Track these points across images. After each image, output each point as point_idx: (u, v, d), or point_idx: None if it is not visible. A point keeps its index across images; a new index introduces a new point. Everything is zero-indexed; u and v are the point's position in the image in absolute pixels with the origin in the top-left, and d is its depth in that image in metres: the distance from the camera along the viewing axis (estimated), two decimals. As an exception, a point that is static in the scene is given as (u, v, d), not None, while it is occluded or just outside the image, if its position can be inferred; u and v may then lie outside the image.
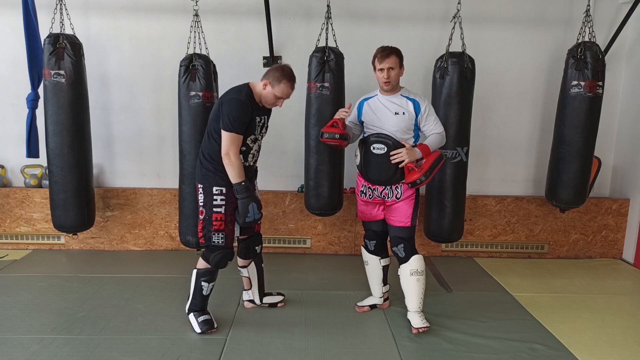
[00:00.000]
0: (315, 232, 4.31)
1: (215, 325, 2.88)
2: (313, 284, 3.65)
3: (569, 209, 3.97)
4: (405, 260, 2.93)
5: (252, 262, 3.12)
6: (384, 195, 2.98)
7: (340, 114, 2.99)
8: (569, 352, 2.76)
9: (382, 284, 3.19)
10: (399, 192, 2.95)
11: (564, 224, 4.33)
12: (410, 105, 2.92)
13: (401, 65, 2.92)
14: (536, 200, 4.31)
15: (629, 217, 4.30)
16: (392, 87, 2.91)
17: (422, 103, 2.93)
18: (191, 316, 2.91)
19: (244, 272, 3.13)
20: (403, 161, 2.82)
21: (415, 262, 2.91)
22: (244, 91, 2.72)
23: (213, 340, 2.79)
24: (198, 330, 2.84)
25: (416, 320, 2.91)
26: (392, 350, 2.74)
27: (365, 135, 3.01)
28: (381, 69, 2.87)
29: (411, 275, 2.91)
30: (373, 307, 3.23)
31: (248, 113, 2.68)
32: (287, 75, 2.72)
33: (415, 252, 2.94)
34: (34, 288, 3.45)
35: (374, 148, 2.89)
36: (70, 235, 4.11)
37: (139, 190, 4.27)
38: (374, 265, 3.16)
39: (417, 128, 2.98)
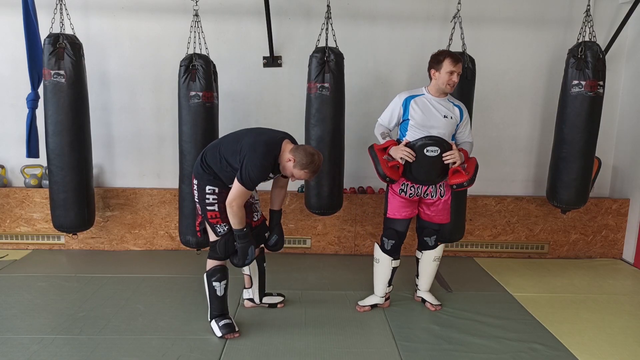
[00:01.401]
0: (315, 232, 4.31)
1: (237, 330, 2.84)
2: (313, 284, 3.65)
3: (570, 209, 3.97)
4: (433, 247, 3.20)
5: (254, 260, 3.10)
6: (427, 194, 3.05)
7: (405, 154, 2.91)
8: (569, 352, 2.76)
9: (388, 285, 3.21)
10: (442, 190, 3.07)
11: (564, 224, 4.33)
12: (457, 110, 3.03)
13: None
14: (536, 200, 4.31)
15: (629, 217, 4.30)
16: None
17: (465, 111, 3.07)
18: (212, 323, 2.85)
19: (246, 269, 3.13)
20: (455, 162, 2.92)
21: (440, 250, 3.22)
22: (272, 153, 2.65)
23: (213, 340, 2.78)
24: (219, 334, 2.80)
25: (432, 298, 3.27)
26: (392, 350, 2.74)
27: (409, 135, 2.99)
28: (452, 72, 2.91)
29: (434, 261, 3.21)
30: (374, 306, 3.23)
31: (265, 175, 2.68)
32: (312, 168, 2.66)
33: (441, 242, 3.23)
34: (34, 288, 3.45)
35: (427, 151, 2.92)
36: (70, 235, 4.11)
37: (139, 190, 4.27)
38: (385, 265, 3.15)
39: (454, 133, 3.09)
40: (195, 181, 2.81)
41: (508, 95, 4.30)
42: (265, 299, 3.22)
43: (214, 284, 2.81)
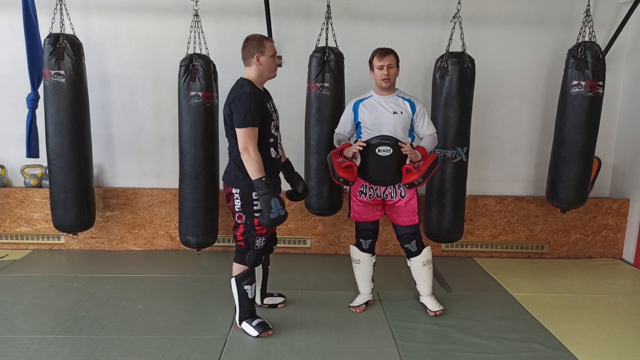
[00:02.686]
0: (315, 232, 4.31)
1: (271, 327, 2.86)
2: (313, 284, 3.66)
3: (570, 209, 3.97)
4: (417, 253, 3.13)
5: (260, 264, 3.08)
6: (386, 195, 3.05)
7: (354, 147, 2.96)
8: (569, 352, 2.76)
9: (371, 281, 3.28)
10: (403, 190, 3.03)
11: (564, 224, 4.33)
12: (407, 105, 3.03)
13: (398, 66, 3.03)
14: (536, 200, 4.31)
15: (629, 217, 4.30)
16: (390, 85, 3.01)
17: (417, 103, 3.06)
18: (244, 324, 2.86)
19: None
20: (409, 157, 2.92)
21: (426, 254, 3.15)
22: (245, 84, 2.68)
23: (213, 340, 2.79)
24: (255, 333, 2.80)
25: (432, 303, 3.17)
26: (392, 350, 2.74)
27: (363, 137, 3.03)
28: (381, 67, 2.95)
29: (423, 266, 3.15)
30: (365, 303, 3.26)
31: (258, 102, 2.65)
32: (259, 37, 2.72)
33: (424, 245, 3.15)
34: (34, 288, 3.45)
35: (379, 150, 2.92)
36: (70, 235, 4.11)
37: (139, 190, 4.27)
38: (366, 263, 3.22)
39: (412, 129, 3.07)
40: (235, 190, 2.72)
41: (508, 95, 4.30)
42: (267, 300, 3.22)
43: (245, 287, 2.82)
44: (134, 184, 4.35)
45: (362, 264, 3.23)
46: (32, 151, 3.64)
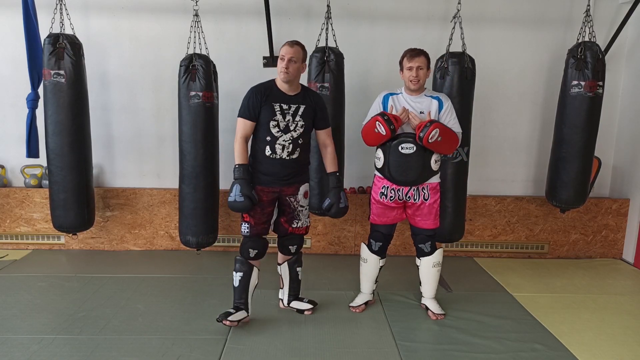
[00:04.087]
0: (315, 232, 4.31)
1: (235, 320, 2.85)
2: (313, 284, 3.65)
3: (569, 209, 3.97)
4: (430, 254, 3.11)
5: (286, 263, 3.12)
6: (409, 197, 3.00)
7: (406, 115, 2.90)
8: (569, 352, 2.76)
9: (375, 282, 3.25)
10: (426, 193, 2.99)
11: (564, 224, 4.33)
12: (435, 103, 2.97)
13: (429, 67, 2.97)
14: (536, 200, 4.31)
15: (629, 217, 4.30)
16: (420, 86, 2.95)
17: (445, 100, 3.00)
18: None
19: (278, 269, 3.18)
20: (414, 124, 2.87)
21: (438, 255, 3.13)
22: (266, 81, 2.86)
23: (213, 340, 2.79)
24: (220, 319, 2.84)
25: (435, 306, 3.15)
26: (392, 350, 2.74)
27: None
28: (410, 67, 2.90)
29: (433, 267, 3.13)
30: (365, 303, 3.25)
31: (256, 97, 2.78)
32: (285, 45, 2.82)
33: (436, 247, 3.14)
34: (34, 288, 3.45)
35: (402, 148, 2.89)
36: (70, 235, 4.11)
37: (139, 190, 4.27)
38: (372, 264, 3.19)
39: None
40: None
41: (508, 95, 4.30)
42: (294, 304, 3.16)
43: (233, 273, 2.95)
44: (134, 184, 4.35)
45: (369, 264, 3.20)
46: (32, 151, 3.64)
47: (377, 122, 2.88)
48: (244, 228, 2.90)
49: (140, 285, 3.54)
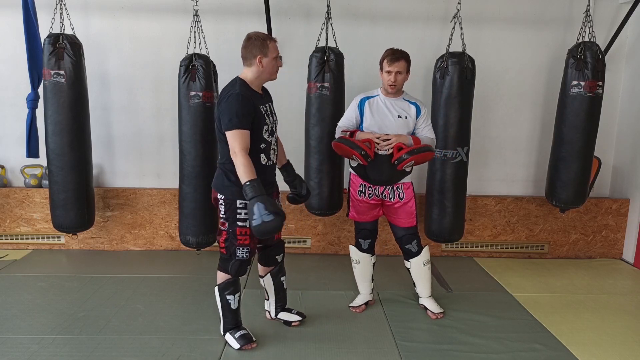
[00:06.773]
0: (315, 232, 4.31)
1: (255, 340, 2.72)
2: (313, 284, 3.65)
3: (569, 209, 3.97)
4: (417, 253, 3.12)
5: (269, 274, 2.93)
6: (384, 196, 3.04)
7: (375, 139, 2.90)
8: (569, 352, 2.76)
9: (371, 281, 3.27)
10: (401, 192, 3.03)
11: (564, 224, 4.33)
12: (413, 108, 3.02)
13: (408, 71, 2.98)
14: (536, 200, 4.31)
15: (629, 217, 4.30)
16: (397, 90, 2.98)
17: (423, 107, 3.05)
18: (227, 335, 2.72)
19: (261, 282, 2.99)
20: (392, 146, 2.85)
21: (426, 253, 3.15)
22: (237, 84, 2.52)
23: (213, 341, 2.79)
24: (237, 345, 2.67)
25: (433, 305, 3.16)
26: (392, 350, 2.74)
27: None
28: (389, 72, 2.92)
29: (424, 266, 3.14)
30: (365, 304, 3.26)
31: (248, 104, 2.48)
32: (262, 37, 2.56)
33: (422, 245, 3.15)
34: (34, 288, 3.45)
35: (378, 150, 2.90)
36: (70, 235, 4.11)
37: (139, 190, 4.27)
38: (365, 264, 3.22)
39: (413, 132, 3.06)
40: (220, 196, 2.60)
41: (508, 95, 4.30)
42: (282, 315, 3.02)
43: (228, 297, 2.67)
44: (134, 184, 4.35)
45: (362, 264, 3.22)
46: (32, 151, 3.64)
47: (353, 156, 2.89)
48: (242, 253, 2.61)
49: (140, 285, 3.54)
